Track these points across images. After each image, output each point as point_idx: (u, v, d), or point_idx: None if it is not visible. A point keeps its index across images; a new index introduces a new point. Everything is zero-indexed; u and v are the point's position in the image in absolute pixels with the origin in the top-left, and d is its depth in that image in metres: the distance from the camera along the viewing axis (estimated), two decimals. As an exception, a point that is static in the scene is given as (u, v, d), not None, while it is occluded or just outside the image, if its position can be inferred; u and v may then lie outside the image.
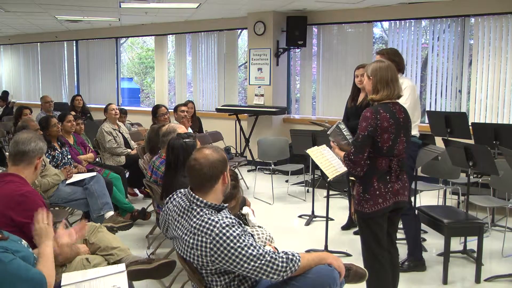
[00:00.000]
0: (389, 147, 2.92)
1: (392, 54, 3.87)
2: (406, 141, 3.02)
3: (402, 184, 3.05)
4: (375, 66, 2.99)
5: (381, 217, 3.01)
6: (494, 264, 4.26)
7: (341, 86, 8.16)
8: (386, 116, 2.89)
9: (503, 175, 4.37)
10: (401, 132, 2.96)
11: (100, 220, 4.35)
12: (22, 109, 6.67)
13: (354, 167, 2.92)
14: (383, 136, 2.88)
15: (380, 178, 2.96)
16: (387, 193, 2.96)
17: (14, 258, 2.09)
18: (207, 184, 2.38)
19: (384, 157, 2.93)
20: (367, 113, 2.90)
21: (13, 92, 13.36)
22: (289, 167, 6.76)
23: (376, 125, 2.86)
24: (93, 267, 2.67)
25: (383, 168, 2.95)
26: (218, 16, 8.92)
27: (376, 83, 2.94)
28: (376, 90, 2.96)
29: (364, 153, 2.89)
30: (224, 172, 2.42)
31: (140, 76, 17.81)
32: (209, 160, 2.37)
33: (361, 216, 3.06)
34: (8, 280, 2.03)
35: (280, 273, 2.26)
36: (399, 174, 3.02)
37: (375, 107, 2.94)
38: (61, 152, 5.05)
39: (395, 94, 2.96)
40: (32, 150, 2.73)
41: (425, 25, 7.77)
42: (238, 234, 2.24)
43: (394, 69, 3.02)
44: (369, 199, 2.97)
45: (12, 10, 8.40)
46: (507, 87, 6.76)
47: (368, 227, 3.05)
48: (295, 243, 4.58)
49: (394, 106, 2.97)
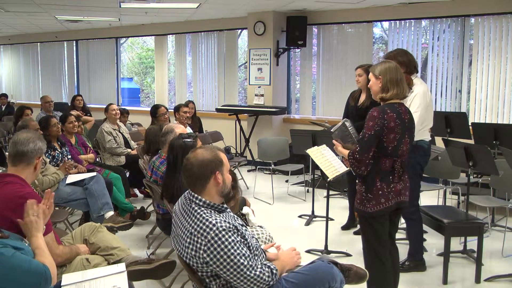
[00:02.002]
0: (394, 148, 2.93)
1: (399, 55, 3.81)
2: (410, 143, 3.04)
3: (404, 184, 3.06)
4: (384, 66, 3.00)
5: (383, 216, 3.01)
6: (494, 264, 4.26)
7: (341, 86, 8.16)
8: (393, 116, 2.90)
9: (503, 175, 4.38)
10: (406, 133, 2.97)
11: (100, 220, 4.35)
12: (23, 109, 6.67)
13: (359, 166, 2.92)
14: (389, 136, 2.89)
15: (383, 178, 2.96)
16: (389, 193, 2.97)
17: (15, 252, 2.09)
18: (198, 183, 2.39)
19: (388, 158, 2.94)
20: (374, 113, 2.90)
21: (13, 92, 13.37)
22: (289, 167, 6.75)
23: (383, 124, 2.87)
24: (93, 267, 2.67)
25: (386, 168, 2.95)
26: (218, 16, 8.92)
27: (386, 83, 2.95)
28: (386, 89, 2.96)
29: (370, 153, 2.89)
30: (217, 172, 2.40)
31: (140, 76, 17.80)
32: (199, 160, 2.38)
33: (363, 215, 3.06)
34: (12, 273, 2.04)
35: (265, 286, 2.29)
36: (401, 174, 3.03)
37: (382, 107, 2.95)
38: (61, 152, 5.05)
39: (403, 93, 2.98)
40: (31, 151, 2.72)
41: (425, 25, 7.77)
42: (233, 240, 2.24)
43: (401, 70, 3.05)
44: (372, 198, 2.97)
45: (12, 10, 8.40)
46: (507, 87, 6.76)
47: (370, 226, 3.05)
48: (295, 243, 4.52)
49: (400, 106, 2.98)
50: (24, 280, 2.07)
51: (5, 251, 2.05)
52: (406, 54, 3.88)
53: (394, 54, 3.83)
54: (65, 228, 4.55)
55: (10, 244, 2.13)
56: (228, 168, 2.49)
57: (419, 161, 3.86)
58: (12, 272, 2.04)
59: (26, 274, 2.07)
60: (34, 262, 2.15)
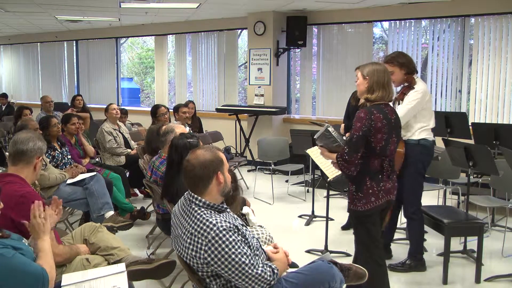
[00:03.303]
0: (382, 147, 2.98)
1: (399, 57, 3.85)
2: (397, 142, 3.12)
3: (393, 183, 3.14)
4: (373, 67, 3.06)
5: (374, 215, 3.08)
6: (494, 264, 4.26)
7: (341, 86, 8.16)
8: (380, 116, 2.95)
9: (503, 175, 4.37)
10: (393, 133, 3.03)
11: (100, 220, 4.35)
12: (22, 109, 6.68)
13: (348, 166, 2.97)
14: (377, 136, 2.94)
15: (373, 178, 3.02)
16: (379, 191, 3.03)
17: (15, 253, 2.09)
18: (200, 184, 2.38)
19: (377, 157, 3.00)
20: (361, 114, 2.96)
21: (13, 92, 13.37)
22: (289, 167, 6.75)
23: (370, 125, 2.92)
24: (93, 267, 2.67)
25: (376, 168, 3.02)
26: (218, 16, 8.92)
27: (373, 84, 3.01)
28: (372, 90, 3.02)
29: (359, 153, 2.95)
30: (218, 172, 2.39)
31: (140, 76, 17.81)
32: (200, 161, 2.37)
33: (354, 215, 3.13)
34: (11, 274, 2.04)
35: (266, 285, 2.29)
36: (390, 173, 3.09)
37: (369, 108, 3.01)
38: (61, 152, 5.05)
39: (389, 96, 3.05)
40: (31, 150, 2.72)
41: (425, 25, 7.77)
42: (234, 240, 2.24)
43: (389, 73, 3.11)
44: (362, 197, 3.03)
45: (12, 10, 8.40)
46: (507, 87, 6.76)
47: (362, 225, 3.11)
48: (295, 243, 4.58)
49: (386, 107, 3.04)
50: (22, 282, 2.07)
51: (5, 252, 2.05)
52: (405, 55, 3.94)
53: (394, 57, 3.87)
54: (65, 228, 4.55)
55: (10, 244, 2.13)
56: (227, 167, 2.49)
57: (422, 159, 3.87)
58: (11, 273, 2.04)
59: (25, 276, 2.08)
60: (34, 265, 2.15)
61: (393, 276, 3.96)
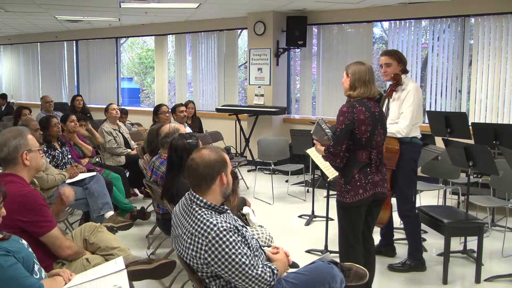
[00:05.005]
0: (367, 139, 3.09)
1: (399, 53, 4.04)
2: (384, 134, 3.23)
3: (382, 176, 3.22)
4: (356, 66, 3.23)
5: (361, 207, 3.17)
6: (494, 264, 4.27)
7: (341, 86, 8.11)
8: (362, 109, 3.08)
9: (503, 175, 4.37)
10: (378, 125, 3.14)
11: (100, 220, 4.35)
12: (21, 109, 6.67)
13: (334, 159, 3.12)
14: (361, 128, 3.07)
15: (361, 170, 3.12)
16: (367, 184, 3.13)
17: (16, 263, 2.09)
18: (203, 184, 2.38)
19: (364, 149, 3.11)
20: (344, 108, 3.12)
21: (13, 92, 13.36)
22: (289, 167, 6.75)
23: (353, 118, 3.06)
24: (93, 267, 2.67)
25: (364, 160, 3.12)
26: (218, 16, 8.92)
27: (355, 81, 3.17)
28: (354, 87, 3.17)
29: (343, 145, 3.08)
30: (222, 173, 2.40)
31: (140, 76, 17.82)
32: (205, 160, 2.37)
33: (342, 206, 3.22)
34: (5, 284, 2.03)
35: (266, 286, 2.29)
36: (379, 165, 3.19)
37: (351, 102, 3.15)
38: (61, 152, 5.04)
39: (371, 93, 3.16)
40: (9, 153, 2.67)
41: (425, 25, 7.77)
42: (234, 240, 2.24)
43: (373, 72, 3.23)
44: (350, 189, 3.13)
45: (12, 10, 8.40)
46: (507, 87, 6.76)
47: (348, 216, 3.21)
48: (295, 243, 4.58)
49: (369, 101, 3.16)
50: None
51: (4, 261, 2.04)
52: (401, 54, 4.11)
53: (395, 51, 4.09)
54: (65, 228, 4.55)
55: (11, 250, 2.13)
56: (230, 169, 2.49)
57: (414, 157, 3.99)
58: (5, 283, 2.03)
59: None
60: (32, 279, 2.15)
61: (393, 276, 3.97)
